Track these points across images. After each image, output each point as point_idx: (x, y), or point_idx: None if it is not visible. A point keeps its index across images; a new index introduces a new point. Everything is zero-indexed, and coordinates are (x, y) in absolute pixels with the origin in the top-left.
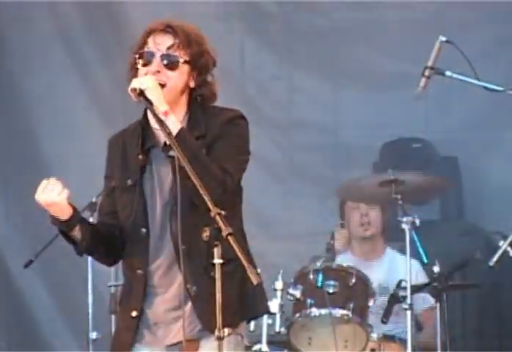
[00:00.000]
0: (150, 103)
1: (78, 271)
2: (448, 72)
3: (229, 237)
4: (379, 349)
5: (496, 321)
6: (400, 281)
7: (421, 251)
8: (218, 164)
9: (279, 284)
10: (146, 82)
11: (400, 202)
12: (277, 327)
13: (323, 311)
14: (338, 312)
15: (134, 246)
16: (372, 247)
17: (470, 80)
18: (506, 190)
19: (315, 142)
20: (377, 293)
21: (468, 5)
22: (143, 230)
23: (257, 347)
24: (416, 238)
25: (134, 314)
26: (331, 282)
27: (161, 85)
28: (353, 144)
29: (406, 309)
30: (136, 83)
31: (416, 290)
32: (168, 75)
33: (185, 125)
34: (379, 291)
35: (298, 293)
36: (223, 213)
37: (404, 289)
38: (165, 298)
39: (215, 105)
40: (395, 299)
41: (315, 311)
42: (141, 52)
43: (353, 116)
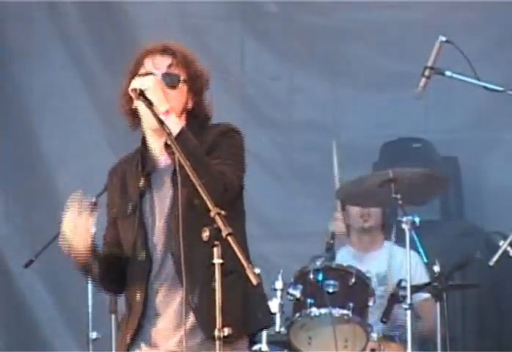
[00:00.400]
0: (151, 103)
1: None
2: (448, 72)
3: (228, 237)
4: (379, 349)
5: (496, 321)
6: (400, 281)
7: (421, 251)
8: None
9: (279, 283)
10: (146, 82)
11: (400, 201)
12: (277, 327)
13: (323, 311)
14: (338, 312)
15: (133, 270)
16: (371, 239)
17: (470, 80)
18: (506, 190)
19: (315, 142)
20: (376, 283)
21: (468, 5)
22: (142, 255)
23: (257, 347)
24: (416, 238)
25: (128, 337)
26: (331, 282)
27: None
28: (353, 144)
29: (406, 309)
30: (136, 84)
31: (416, 289)
32: (169, 95)
33: None
34: (378, 281)
35: (298, 293)
36: (223, 213)
37: (404, 289)
38: (165, 317)
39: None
40: (395, 299)
41: (315, 311)
42: (140, 74)
43: (353, 116)
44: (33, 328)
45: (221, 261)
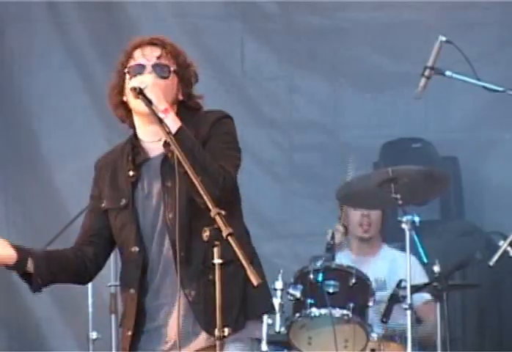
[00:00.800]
0: (150, 101)
1: None
2: (448, 72)
3: (229, 238)
4: (379, 349)
5: (496, 321)
6: (400, 281)
7: (421, 251)
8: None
9: (279, 284)
10: (145, 81)
11: (400, 201)
12: (277, 327)
13: (323, 311)
14: (338, 312)
15: (128, 265)
16: (370, 246)
17: (470, 80)
18: (506, 190)
19: (315, 142)
20: (375, 288)
21: (468, 5)
22: (135, 249)
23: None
24: (416, 238)
25: (129, 333)
26: (331, 282)
27: None
28: (353, 144)
29: (406, 309)
30: (135, 82)
31: (416, 290)
32: (161, 86)
33: None
34: (377, 286)
35: (298, 293)
36: (223, 213)
37: (404, 289)
38: (165, 310)
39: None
40: (395, 299)
41: (315, 311)
42: (130, 66)
43: (353, 116)
44: (33, 328)
45: (221, 261)
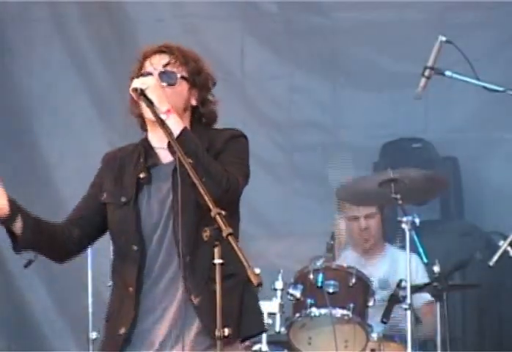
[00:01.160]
0: (151, 102)
1: (78, 271)
2: (448, 72)
3: (229, 237)
4: (379, 349)
5: (496, 321)
6: (400, 281)
7: (421, 251)
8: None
9: (279, 284)
10: (147, 82)
11: (399, 201)
12: (277, 327)
13: (323, 311)
14: (338, 312)
15: (126, 263)
16: (373, 248)
17: (470, 80)
18: (506, 190)
19: (316, 142)
20: (377, 287)
21: (468, 5)
22: (134, 247)
23: (257, 347)
24: (416, 238)
25: (122, 331)
26: (331, 282)
27: None
28: (353, 144)
29: (406, 309)
30: (137, 84)
31: (416, 290)
32: (168, 93)
33: None
34: (380, 285)
35: (298, 293)
36: (223, 213)
37: (404, 289)
38: (164, 315)
39: (215, 127)
40: (395, 299)
41: (315, 311)
42: (138, 75)
43: (353, 116)
44: (33, 328)
45: (221, 261)
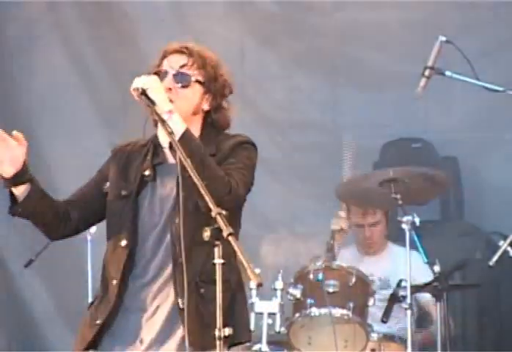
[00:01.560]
0: (152, 102)
1: (79, 271)
2: (448, 72)
3: (229, 237)
4: (379, 349)
5: (497, 321)
6: (400, 281)
7: (421, 251)
8: (224, 169)
9: (279, 283)
10: (148, 82)
11: (399, 201)
12: (277, 327)
13: (323, 311)
14: (338, 312)
15: (113, 255)
16: (375, 248)
17: (470, 80)
18: (506, 190)
19: (316, 142)
20: (379, 287)
21: (468, 5)
22: (124, 242)
23: (257, 347)
24: (416, 238)
25: (99, 322)
26: (331, 282)
27: (170, 102)
28: (353, 144)
29: (406, 309)
30: (138, 83)
31: (416, 290)
32: (179, 94)
33: None
34: (381, 285)
35: (298, 293)
36: (224, 213)
37: (404, 288)
38: (155, 314)
39: (227, 133)
40: (395, 299)
41: (315, 311)
42: (155, 72)
43: (353, 116)
44: (33, 327)
45: (222, 261)
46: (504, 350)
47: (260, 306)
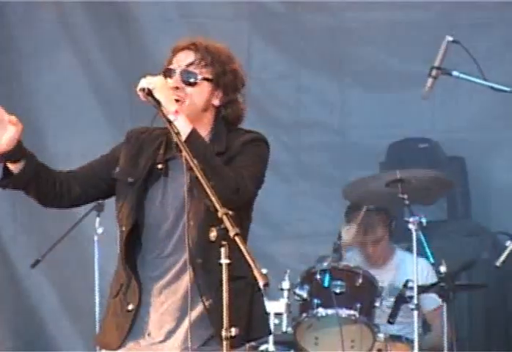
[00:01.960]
0: (159, 102)
1: (85, 271)
2: (455, 73)
3: (236, 238)
4: (386, 349)
5: (503, 321)
6: (406, 282)
7: (427, 251)
8: (232, 168)
9: (285, 284)
10: (154, 82)
11: (406, 202)
12: (284, 327)
13: (330, 311)
14: (345, 312)
15: (119, 239)
16: (381, 261)
17: (477, 80)
18: None
19: (322, 142)
20: (387, 294)
21: (475, 5)
22: (122, 228)
23: (263, 347)
24: (422, 238)
25: (131, 307)
26: (338, 282)
27: (178, 101)
28: (360, 144)
29: (412, 309)
30: (144, 83)
31: (423, 290)
32: (186, 92)
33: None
34: (389, 292)
35: (304, 293)
36: (230, 213)
37: (411, 289)
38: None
39: (240, 127)
40: (402, 299)
41: (321, 311)
42: (164, 70)
43: (360, 116)
44: (39, 327)
45: (228, 261)
46: (511, 350)
47: (266, 306)
